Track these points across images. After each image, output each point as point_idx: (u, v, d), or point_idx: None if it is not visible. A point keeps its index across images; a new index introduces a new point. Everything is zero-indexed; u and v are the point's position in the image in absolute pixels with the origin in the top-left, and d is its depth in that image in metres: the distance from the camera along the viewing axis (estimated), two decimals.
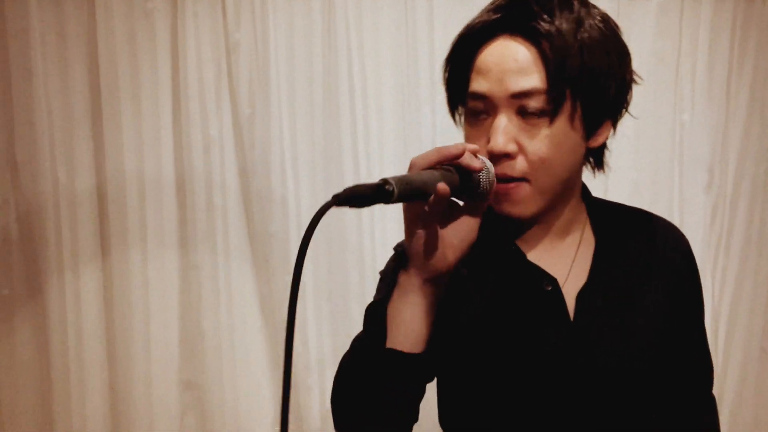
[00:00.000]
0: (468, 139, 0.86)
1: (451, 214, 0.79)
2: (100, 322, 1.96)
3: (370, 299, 1.92)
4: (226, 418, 1.99)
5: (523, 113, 0.80)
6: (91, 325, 1.95)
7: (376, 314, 0.83)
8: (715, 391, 2.03)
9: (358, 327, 0.90)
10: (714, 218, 2.04)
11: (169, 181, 1.96)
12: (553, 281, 0.87)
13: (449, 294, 0.84)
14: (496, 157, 0.80)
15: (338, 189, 1.88)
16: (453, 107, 0.92)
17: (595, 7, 0.85)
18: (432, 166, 0.73)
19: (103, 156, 1.92)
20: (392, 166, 1.97)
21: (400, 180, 0.66)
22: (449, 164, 0.75)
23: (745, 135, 2.02)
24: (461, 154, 0.74)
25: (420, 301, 0.78)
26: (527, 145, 0.80)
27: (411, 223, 0.76)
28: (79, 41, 1.89)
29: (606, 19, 0.85)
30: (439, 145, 2.01)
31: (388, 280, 0.87)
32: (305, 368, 1.98)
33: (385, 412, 0.80)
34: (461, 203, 0.80)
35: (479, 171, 0.76)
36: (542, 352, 0.85)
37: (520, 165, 0.81)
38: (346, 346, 0.88)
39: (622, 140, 1.96)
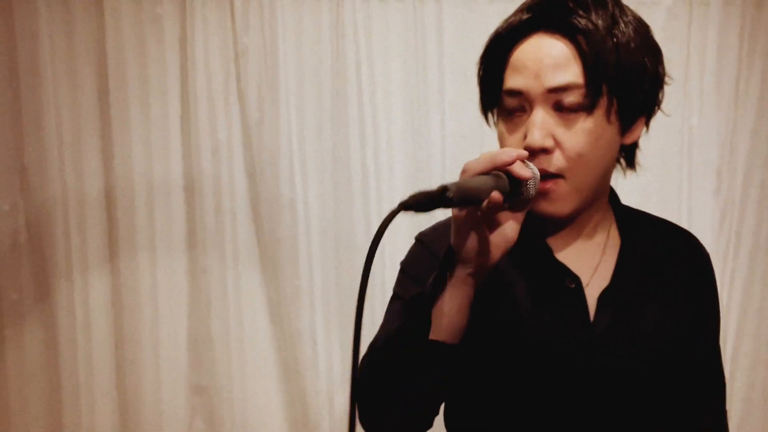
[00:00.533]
0: (503, 137, 0.87)
1: (495, 220, 0.79)
2: (108, 326, 1.97)
3: (379, 304, 1.91)
4: (235, 422, 1.99)
5: (559, 108, 0.81)
6: (99, 329, 1.95)
7: (421, 307, 0.83)
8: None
9: (367, 331, 0.90)
10: (722, 222, 2.04)
11: (178, 186, 1.96)
12: (576, 279, 0.88)
13: (482, 290, 0.84)
14: (534, 152, 0.80)
15: (347, 193, 1.89)
16: (486, 108, 0.92)
17: (627, 7, 0.86)
18: (484, 172, 0.74)
19: (111, 160, 1.92)
20: (400, 171, 1.97)
21: (458, 187, 0.69)
22: (499, 170, 0.75)
23: (753, 139, 2.02)
24: (513, 162, 0.75)
25: (463, 295, 0.80)
26: (564, 139, 0.81)
27: (463, 225, 0.77)
28: (87, 46, 1.89)
29: (639, 19, 0.86)
30: (447, 149, 2.00)
31: (413, 277, 0.88)
32: (314, 374, 1.98)
33: (418, 402, 0.82)
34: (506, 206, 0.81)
35: (528, 179, 0.76)
36: (559, 350, 0.86)
37: (557, 160, 0.81)
38: None
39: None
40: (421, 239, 0.98)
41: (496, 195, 0.72)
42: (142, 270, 1.95)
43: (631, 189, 1.97)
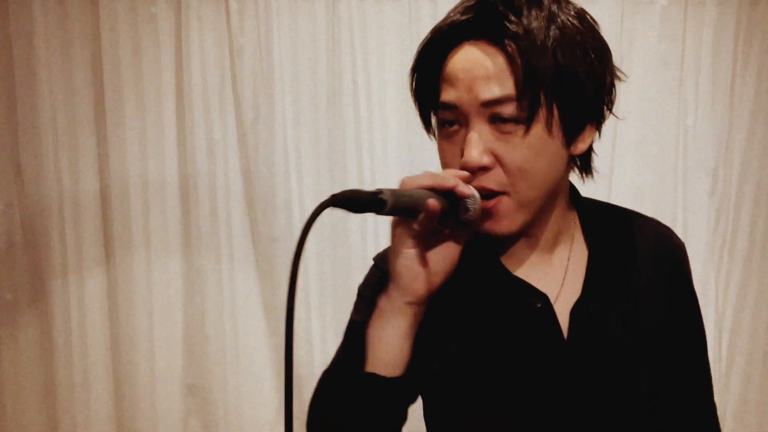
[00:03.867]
0: (442, 152, 0.81)
1: (435, 239, 0.76)
2: (103, 326, 1.97)
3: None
4: (230, 422, 1.99)
5: (496, 121, 0.75)
6: (94, 328, 1.95)
7: (356, 336, 0.80)
8: (719, 395, 2.02)
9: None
10: (718, 222, 2.04)
11: (173, 185, 1.96)
12: (543, 297, 0.82)
13: (434, 318, 0.80)
14: (472, 171, 0.75)
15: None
16: (425, 119, 0.87)
17: (568, 2, 0.79)
18: (423, 188, 0.72)
19: (106, 159, 1.92)
20: (395, 170, 1.97)
21: (393, 192, 0.66)
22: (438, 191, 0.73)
23: (748, 139, 2.02)
24: (454, 187, 0.72)
25: (400, 324, 0.76)
26: (504, 155, 0.75)
27: (398, 240, 0.74)
28: (83, 45, 1.90)
29: (581, 15, 0.79)
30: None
31: (368, 300, 0.82)
32: (310, 373, 1.98)
33: None
34: (446, 230, 0.78)
35: (468, 197, 0.73)
36: (534, 375, 0.81)
37: (498, 177, 0.76)
38: None
39: (626, 144, 1.96)
40: (376, 262, 0.92)
41: (432, 202, 0.69)
42: (137, 269, 1.95)
43: (626, 188, 1.98)
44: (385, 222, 2.05)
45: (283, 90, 1.93)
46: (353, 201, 0.64)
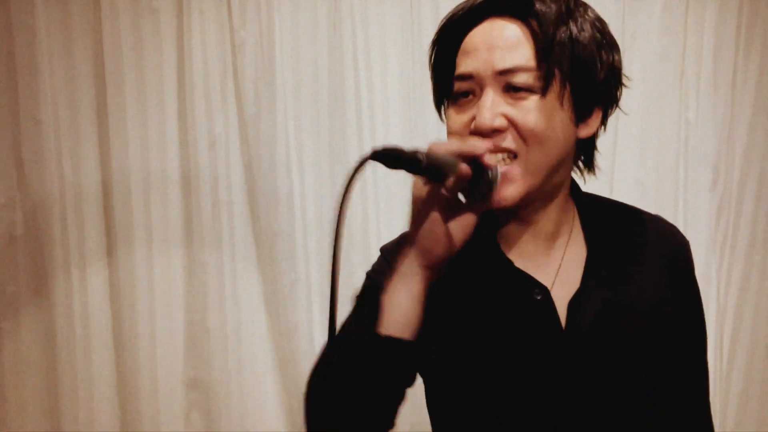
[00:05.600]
0: (452, 121, 0.84)
1: (455, 208, 0.79)
2: (105, 320, 1.97)
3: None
4: (232, 416, 1.99)
5: (509, 90, 0.79)
6: (97, 322, 1.96)
7: (370, 299, 0.81)
8: (720, 390, 2.02)
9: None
10: (719, 217, 2.04)
11: (175, 179, 1.96)
12: (543, 289, 0.84)
13: (435, 303, 0.82)
14: (485, 135, 0.78)
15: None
16: (438, 98, 0.90)
17: (586, 4, 0.84)
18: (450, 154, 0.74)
19: (108, 153, 1.92)
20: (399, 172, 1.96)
21: (429, 154, 0.69)
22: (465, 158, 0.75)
23: (750, 133, 2.02)
24: (482, 154, 0.75)
25: (414, 286, 0.78)
26: (517, 116, 0.78)
27: (421, 204, 0.76)
28: (84, 39, 1.89)
29: (597, 17, 0.84)
30: (445, 139, 1.99)
31: (376, 282, 0.84)
32: (311, 367, 1.98)
33: (367, 404, 0.76)
34: (464, 200, 0.80)
35: (491, 168, 0.76)
36: (533, 365, 0.83)
37: (510, 140, 0.78)
38: None
39: (627, 139, 1.96)
40: (383, 253, 0.95)
41: (464, 167, 0.72)
42: (139, 263, 1.95)
43: (627, 183, 1.98)
44: (387, 216, 2.04)
45: (284, 84, 1.93)
46: (392, 156, 0.67)
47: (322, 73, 1.94)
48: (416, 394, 0.90)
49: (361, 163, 0.65)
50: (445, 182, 0.73)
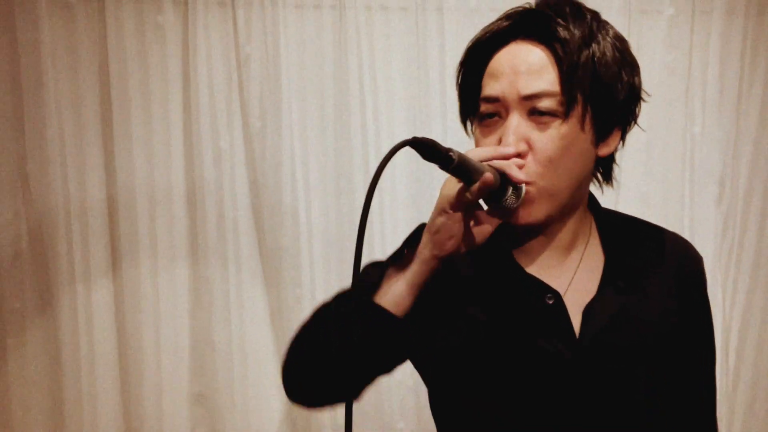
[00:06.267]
0: (479, 141, 0.87)
1: (476, 213, 0.82)
2: (111, 335, 1.97)
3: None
4: (237, 431, 1.99)
5: (534, 114, 0.81)
6: (102, 337, 1.95)
7: (376, 270, 0.85)
8: (726, 403, 2.02)
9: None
10: (725, 231, 2.04)
11: (180, 194, 1.96)
12: (555, 294, 0.86)
13: (447, 306, 0.85)
14: (507, 157, 0.81)
15: (349, 202, 1.89)
16: (464, 115, 0.92)
17: (607, 23, 0.86)
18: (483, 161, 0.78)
19: (113, 169, 1.92)
20: (402, 179, 1.97)
21: (461, 155, 0.72)
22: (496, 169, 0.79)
23: (756, 147, 2.02)
24: (513, 155, 0.79)
25: (419, 271, 0.81)
26: (537, 143, 0.81)
27: (447, 202, 0.79)
28: (90, 54, 1.89)
29: (618, 36, 0.86)
30: None
31: (398, 248, 0.87)
32: None
33: (342, 364, 0.78)
34: (485, 208, 0.83)
35: (518, 183, 0.79)
36: (543, 370, 0.84)
37: (529, 166, 0.81)
38: None
39: (633, 153, 1.97)
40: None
41: (489, 176, 0.75)
42: (144, 278, 1.95)
43: (633, 197, 1.98)
44: (392, 220, 2.03)
45: (290, 99, 1.93)
46: (429, 148, 0.71)
47: (327, 88, 1.94)
48: (420, 397, 0.91)
49: (401, 146, 0.68)
50: (471, 185, 0.76)
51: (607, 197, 0.96)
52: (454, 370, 0.88)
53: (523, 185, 0.80)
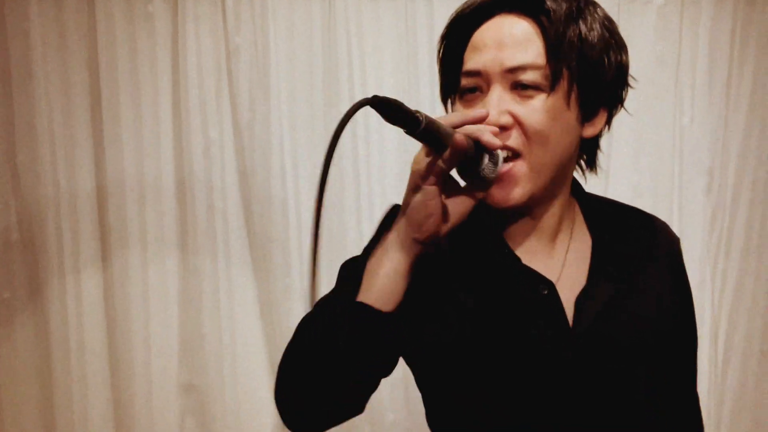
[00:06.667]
0: None
1: (452, 187, 0.78)
2: (100, 325, 1.97)
3: None
4: (227, 422, 1.99)
5: (517, 87, 0.79)
6: (91, 327, 1.96)
7: (354, 269, 0.80)
8: (714, 394, 2.02)
9: None
10: (714, 221, 2.04)
11: (169, 185, 1.96)
12: (549, 285, 0.84)
13: (440, 297, 0.82)
14: None
15: (338, 193, 1.88)
16: (445, 93, 0.89)
17: (596, 3, 0.84)
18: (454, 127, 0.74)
19: (103, 159, 1.92)
20: (392, 171, 1.97)
21: (429, 118, 0.67)
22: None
23: (745, 138, 2.02)
24: (485, 117, 0.75)
25: (401, 259, 0.76)
26: (522, 116, 0.78)
27: (420, 176, 0.74)
28: (79, 44, 1.90)
29: (607, 16, 0.84)
30: None
31: (374, 236, 0.84)
32: None
33: (337, 377, 0.73)
34: (462, 183, 0.80)
35: (494, 149, 0.75)
36: (538, 361, 0.82)
37: (515, 138, 0.78)
38: None
39: (622, 143, 1.97)
40: (383, 223, 0.93)
41: (459, 137, 0.70)
42: (133, 269, 1.95)
43: (622, 187, 1.98)
44: (380, 211, 2.03)
45: (279, 90, 1.93)
46: (392, 107, 0.65)
47: (316, 79, 1.94)
48: (409, 389, 0.90)
49: (359, 107, 0.63)
50: (442, 153, 0.71)
51: (596, 187, 0.95)
52: (445, 362, 0.85)
53: (500, 151, 0.76)
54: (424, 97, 1.95)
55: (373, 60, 1.94)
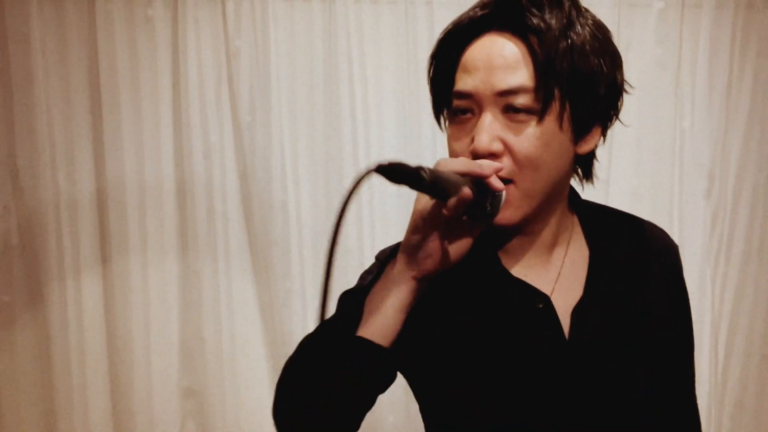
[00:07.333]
0: (452, 140, 0.83)
1: (453, 225, 0.78)
2: (100, 329, 1.97)
3: None
4: (227, 425, 1.99)
5: (509, 111, 0.77)
6: (91, 331, 1.95)
7: (354, 301, 0.81)
8: (715, 398, 2.02)
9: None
10: (714, 225, 2.04)
11: (170, 188, 1.96)
12: (545, 298, 0.83)
13: (434, 313, 0.82)
14: (481, 158, 0.77)
15: (338, 195, 1.89)
16: (438, 108, 0.87)
17: (587, 11, 0.82)
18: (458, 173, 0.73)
19: (103, 162, 1.92)
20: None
21: (432, 172, 0.67)
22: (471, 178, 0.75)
23: (745, 142, 2.02)
24: (490, 175, 0.74)
25: (401, 296, 0.77)
26: (513, 143, 0.77)
27: (422, 218, 0.75)
28: (80, 48, 1.90)
29: (599, 24, 0.82)
30: (439, 150, 2.01)
31: (373, 275, 0.84)
32: None
33: (334, 401, 0.76)
34: (464, 218, 0.79)
35: (498, 191, 0.75)
36: (535, 374, 0.82)
37: (506, 165, 0.77)
38: None
39: (623, 147, 1.97)
40: (379, 257, 0.94)
41: (467, 191, 0.71)
42: (133, 272, 1.95)
43: (623, 191, 1.99)
44: (383, 224, 2.03)
45: (279, 93, 1.93)
46: (396, 171, 0.66)
47: (317, 82, 1.94)
48: (409, 391, 0.91)
49: (364, 176, 0.64)
50: (447, 201, 0.72)
51: (597, 192, 0.94)
52: (441, 378, 0.85)
53: (503, 192, 0.76)
54: (424, 100, 1.94)
55: (373, 63, 1.94)
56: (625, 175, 1.99)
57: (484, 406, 0.83)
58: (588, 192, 0.95)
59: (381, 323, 0.76)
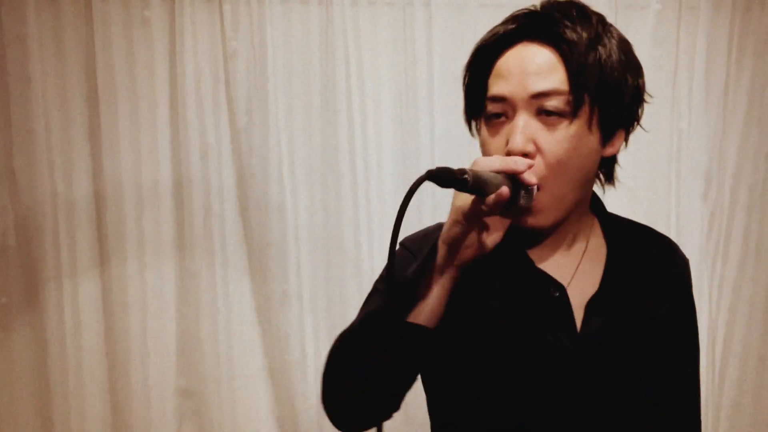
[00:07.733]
0: (486, 142, 0.88)
1: (489, 219, 0.83)
2: (97, 330, 1.96)
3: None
4: (224, 426, 1.99)
5: (541, 114, 0.82)
6: (88, 332, 1.95)
7: (399, 289, 0.86)
8: (712, 399, 2.02)
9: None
10: (711, 226, 2.04)
11: (167, 189, 1.96)
12: (560, 288, 0.88)
13: (455, 298, 0.86)
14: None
15: (335, 197, 1.89)
16: (470, 115, 0.93)
17: (612, 26, 0.88)
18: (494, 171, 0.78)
19: (100, 164, 1.92)
20: (390, 175, 1.97)
21: (473, 173, 0.73)
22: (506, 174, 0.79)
23: (742, 143, 2.02)
24: (524, 171, 0.79)
25: (445, 283, 0.83)
26: (545, 145, 0.82)
27: (462, 213, 0.80)
28: (76, 49, 1.89)
29: (622, 38, 0.88)
30: (437, 152, 2.00)
31: (419, 264, 0.89)
32: (303, 377, 1.98)
33: (385, 384, 0.83)
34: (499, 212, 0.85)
35: (531, 186, 0.80)
36: (545, 364, 0.87)
37: (537, 167, 0.82)
38: None
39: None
40: (404, 243, 1.00)
41: (505, 190, 0.76)
42: (131, 273, 1.95)
43: (620, 193, 1.96)
44: (380, 228, 2.03)
45: (276, 94, 1.93)
46: (445, 178, 0.71)
47: (314, 83, 1.94)
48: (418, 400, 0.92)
49: (419, 183, 0.69)
50: (485, 198, 0.77)
51: (594, 191, 0.98)
52: (455, 359, 0.90)
53: (535, 187, 0.81)
54: (421, 102, 1.95)
55: (371, 65, 1.94)
56: (623, 175, 1.96)
57: (490, 388, 0.88)
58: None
59: (430, 309, 0.83)
